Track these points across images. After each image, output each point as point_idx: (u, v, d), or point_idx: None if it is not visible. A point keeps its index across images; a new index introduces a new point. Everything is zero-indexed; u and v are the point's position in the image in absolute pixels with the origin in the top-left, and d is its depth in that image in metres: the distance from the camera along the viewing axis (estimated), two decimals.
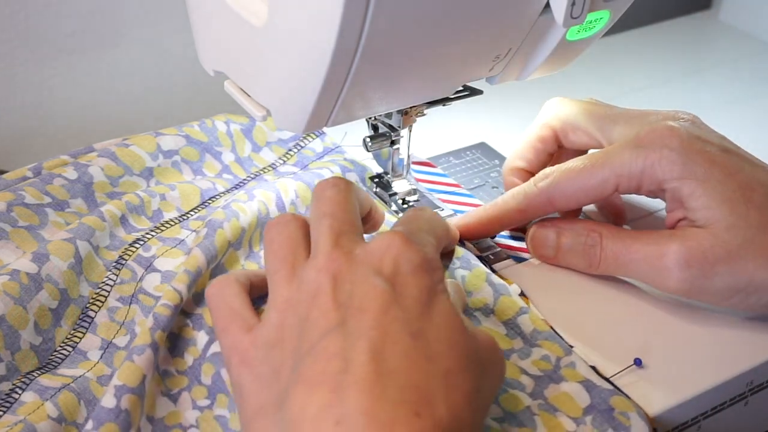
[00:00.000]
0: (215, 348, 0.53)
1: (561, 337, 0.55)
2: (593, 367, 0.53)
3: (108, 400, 0.48)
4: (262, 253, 0.60)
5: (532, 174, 0.62)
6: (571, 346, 0.54)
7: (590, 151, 0.63)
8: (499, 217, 0.61)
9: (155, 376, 0.51)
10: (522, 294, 0.58)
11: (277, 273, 0.47)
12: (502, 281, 0.58)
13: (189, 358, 0.53)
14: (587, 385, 0.51)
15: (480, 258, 0.61)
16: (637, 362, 0.54)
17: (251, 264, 0.59)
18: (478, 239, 0.63)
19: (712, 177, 0.55)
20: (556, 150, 0.65)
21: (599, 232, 0.58)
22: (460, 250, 0.61)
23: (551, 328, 0.55)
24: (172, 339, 0.53)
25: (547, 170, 0.59)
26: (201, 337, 0.53)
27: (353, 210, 0.49)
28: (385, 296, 0.44)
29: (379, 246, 0.46)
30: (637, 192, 0.58)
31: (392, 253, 0.45)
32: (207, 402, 0.52)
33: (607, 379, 0.52)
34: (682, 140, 0.56)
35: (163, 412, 0.51)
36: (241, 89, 0.54)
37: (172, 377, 0.53)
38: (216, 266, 0.58)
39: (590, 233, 0.58)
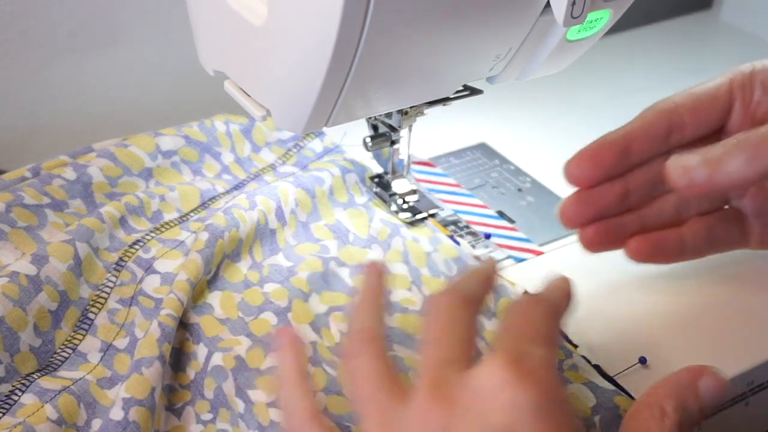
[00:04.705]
0: (216, 361, 0.52)
1: (566, 335, 0.55)
2: (597, 366, 0.53)
3: (116, 413, 0.49)
4: (265, 262, 0.60)
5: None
6: (576, 346, 0.55)
7: None
8: (608, 142, 0.57)
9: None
10: (526, 293, 0.58)
11: (366, 419, 0.42)
12: (501, 281, 0.58)
13: (191, 372, 0.53)
14: (591, 386, 0.52)
15: (452, 239, 0.62)
16: (642, 360, 0.54)
17: (254, 273, 0.59)
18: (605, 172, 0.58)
19: None
20: (724, 118, 0.59)
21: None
22: (453, 250, 0.61)
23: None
24: (174, 353, 0.53)
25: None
26: (201, 350, 0.53)
27: (464, 331, 0.44)
28: None
29: (487, 383, 0.40)
30: (750, 99, 0.57)
31: (506, 394, 0.39)
32: (210, 416, 0.52)
33: (611, 378, 0.52)
34: None
35: (167, 427, 0.51)
36: (241, 89, 0.53)
37: (175, 392, 0.53)
38: (215, 277, 0.57)
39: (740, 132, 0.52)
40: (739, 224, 0.60)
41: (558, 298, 0.46)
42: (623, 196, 0.58)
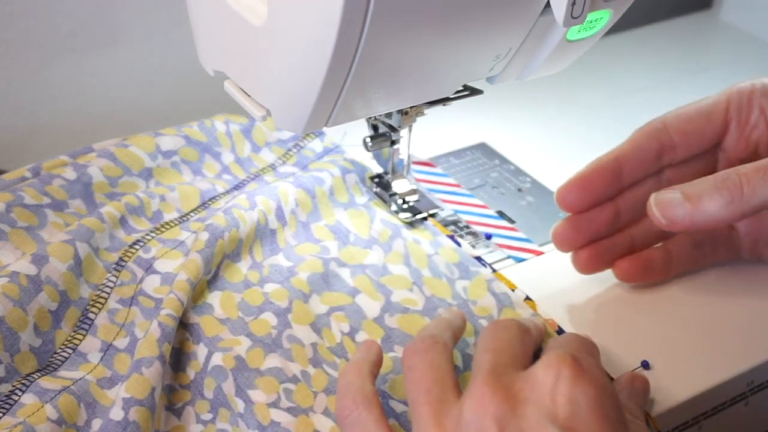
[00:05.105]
0: (215, 361, 0.52)
1: None
2: None
3: (116, 413, 0.49)
4: (265, 263, 0.60)
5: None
6: None
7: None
8: (599, 167, 0.57)
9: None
10: (528, 298, 0.58)
11: (421, 407, 0.43)
12: (504, 289, 0.58)
13: (191, 372, 0.53)
14: None
15: (452, 238, 0.62)
16: (644, 364, 0.54)
17: (254, 273, 0.59)
18: (593, 196, 0.58)
19: None
20: (718, 137, 0.59)
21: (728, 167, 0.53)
22: (455, 254, 0.61)
23: (558, 329, 0.55)
24: (174, 353, 0.53)
25: None
26: (201, 350, 0.53)
27: (521, 348, 0.45)
28: None
29: (546, 378, 0.41)
30: (746, 121, 0.57)
31: (565, 388, 0.40)
32: (210, 416, 0.52)
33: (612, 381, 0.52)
34: None
35: (167, 427, 0.51)
36: (241, 89, 0.53)
37: (175, 392, 0.53)
38: (215, 277, 0.57)
39: (719, 171, 0.53)
40: (728, 239, 0.60)
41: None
42: (615, 218, 0.59)
